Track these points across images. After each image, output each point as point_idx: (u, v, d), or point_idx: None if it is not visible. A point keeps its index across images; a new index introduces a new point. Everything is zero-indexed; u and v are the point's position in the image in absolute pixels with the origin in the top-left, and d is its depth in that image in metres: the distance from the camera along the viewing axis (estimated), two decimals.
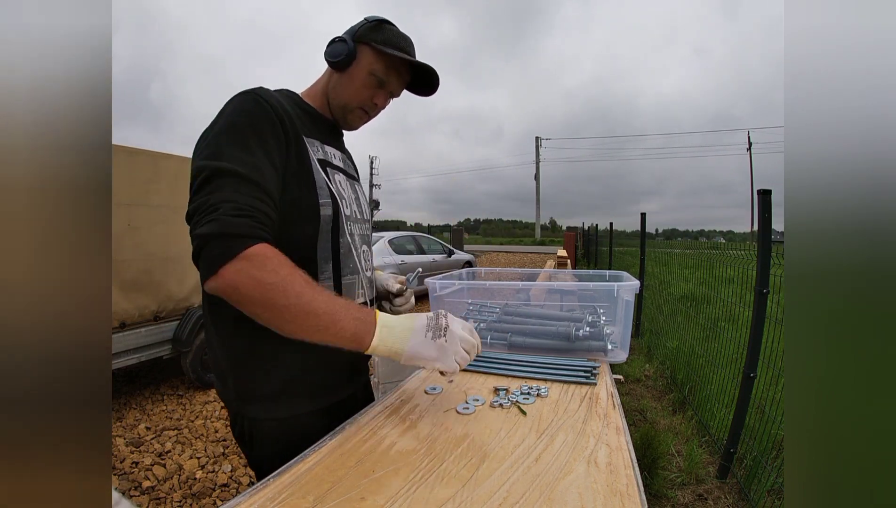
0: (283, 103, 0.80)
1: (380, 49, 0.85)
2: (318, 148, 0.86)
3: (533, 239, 40.88)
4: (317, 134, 0.87)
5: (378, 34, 0.86)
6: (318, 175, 0.81)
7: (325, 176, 0.83)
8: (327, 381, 0.86)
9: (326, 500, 0.54)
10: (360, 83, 0.87)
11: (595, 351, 1.12)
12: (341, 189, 0.87)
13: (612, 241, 7.09)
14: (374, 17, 0.88)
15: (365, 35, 0.86)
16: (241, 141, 0.71)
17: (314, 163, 0.82)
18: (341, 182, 0.89)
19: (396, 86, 0.91)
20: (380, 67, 0.87)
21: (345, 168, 0.94)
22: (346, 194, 0.89)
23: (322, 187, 0.81)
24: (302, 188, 0.78)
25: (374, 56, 0.86)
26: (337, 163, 0.90)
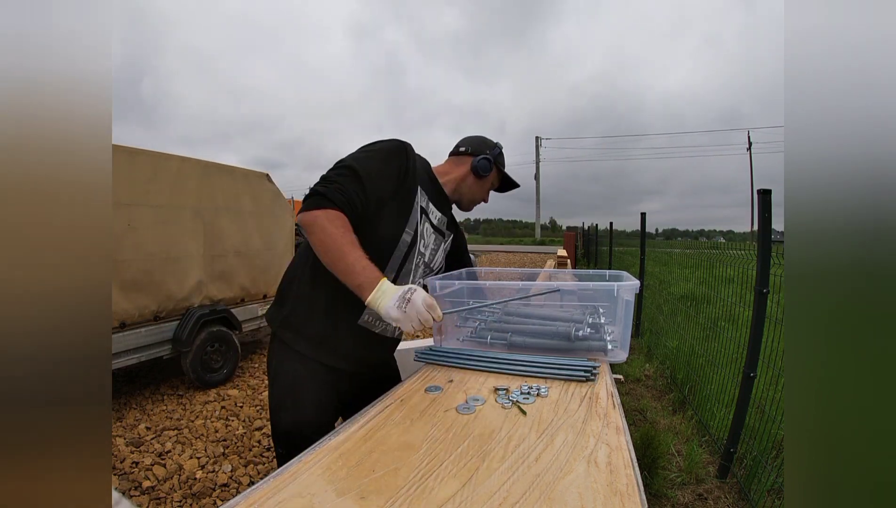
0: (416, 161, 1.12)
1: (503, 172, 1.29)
2: (425, 200, 1.15)
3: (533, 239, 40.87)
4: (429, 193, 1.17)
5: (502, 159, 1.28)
6: (415, 215, 1.10)
7: (419, 218, 1.12)
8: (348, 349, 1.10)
9: (326, 500, 0.54)
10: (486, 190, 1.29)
11: (595, 350, 1.12)
12: (425, 233, 1.16)
13: (612, 241, 7.09)
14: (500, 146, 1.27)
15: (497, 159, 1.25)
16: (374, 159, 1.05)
17: (417, 206, 1.11)
18: (428, 230, 1.18)
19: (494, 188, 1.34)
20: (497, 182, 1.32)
21: (438, 226, 1.23)
22: (427, 239, 1.18)
23: (412, 223, 1.10)
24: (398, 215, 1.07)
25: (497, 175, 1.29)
26: (432, 219, 1.20)
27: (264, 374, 3.84)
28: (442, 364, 1.10)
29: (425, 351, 1.17)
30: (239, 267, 3.86)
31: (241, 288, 3.90)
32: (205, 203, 3.50)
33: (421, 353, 1.16)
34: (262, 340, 4.92)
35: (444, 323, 1.30)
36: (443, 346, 1.23)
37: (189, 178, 3.37)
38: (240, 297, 3.89)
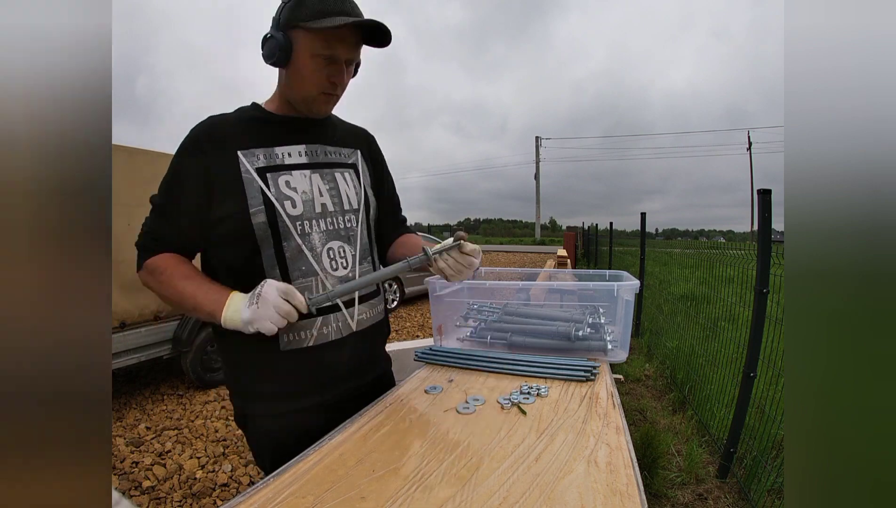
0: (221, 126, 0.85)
1: (311, 27, 0.76)
2: (261, 155, 0.84)
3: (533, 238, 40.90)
4: (263, 140, 0.85)
5: (302, 10, 0.77)
6: (252, 185, 0.82)
7: (262, 182, 0.82)
8: (320, 381, 0.90)
9: (326, 500, 0.54)
10: (307, 71, 0.81)
11: (595, 350, 1.12)
12: (287, 190, 0.84)
13: (612, 241, 7.09)
14: None
15: (290, 18, 0.78)
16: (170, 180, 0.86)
17: (246, 175, 0.82)
18: (292, 181, 0.85)
19: (349, 53, 0.82)
20: (320, 45, 0.78)
21: (310, 161, 0.88)
22: (302, 190, 0.85)
23: (253, 196, 0.81)
24: (232, 201, 0.81)
25: (308, 37, 0.78)
26: (291, 161, 0.86)
27: None
28: (442, 364, 1.10)
29: (425, 350, 1.17)
30: None
31: None
32: None
33: (421, 353, 1.16)
34: None
35: (444, 323, 1.30)
36: (443, 346, 1.23)
37: None
38: None
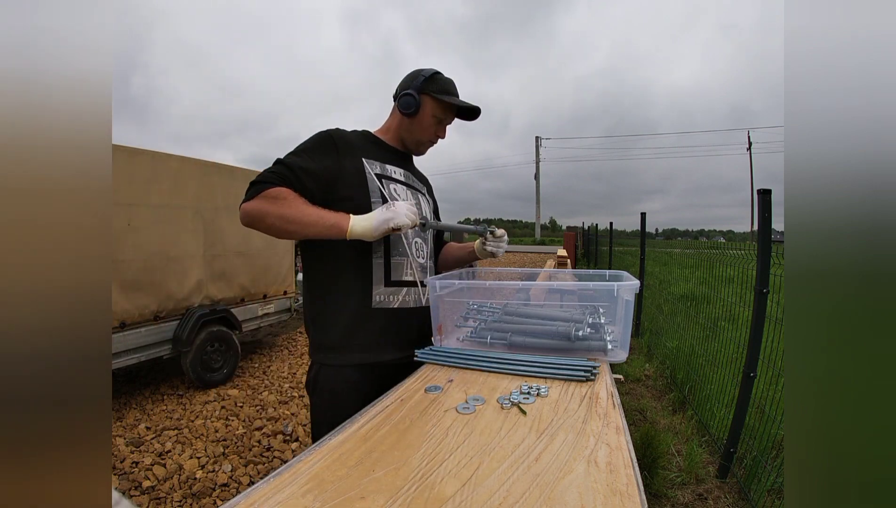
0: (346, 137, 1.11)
1: (439, 98, 1.14)
2: (378, 166, 1.13)
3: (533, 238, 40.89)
4: (379, 157, 1.15)
5: (434, 85, 1.14)
6: (373, 182, 1.09)
7: (380, 183, 1.10)
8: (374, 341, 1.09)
9: (326, 500, 0.54)
10: (426, 125, 1.17)
11: (595, 350, 1.12)
12: (396, 194, 1.14)
13: (612, 241, 7.10)
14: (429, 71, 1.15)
15: (425, 87, 1.14)
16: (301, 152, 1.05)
17: (369, 174, 1.09)
18: (398, 190, 1.16)
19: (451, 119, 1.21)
20: (439, 111, 1.17)
21: (407, 181, 1.21)
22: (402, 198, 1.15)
23: (374, 191, 1.08)
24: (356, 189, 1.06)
25: (434, 103, 1.15)
26: (396, 177, 1.18)
27: (264, 374, 3.84)
28: (442, 364, 1.10)
29: (425, 350, 1.17)
30: (239, 267, 3.86)
31: (242, 287, 3.90)
32: (205, 203, 3.50)
33: (421, 353, 1.16)
34: (262, 340, 4.92)
35: (444, 323, 1.30)
36: (443, 346, 1.23)
37: (189, 178, 3.38)
38: (240, 297, 3.89)
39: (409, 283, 1.14)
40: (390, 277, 1.11)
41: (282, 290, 4.43)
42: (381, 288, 1.09)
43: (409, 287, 1.14)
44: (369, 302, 1.08)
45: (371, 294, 1.08)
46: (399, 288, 1.12)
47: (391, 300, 1.11)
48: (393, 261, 1.11)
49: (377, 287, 1.08)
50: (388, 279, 1.10)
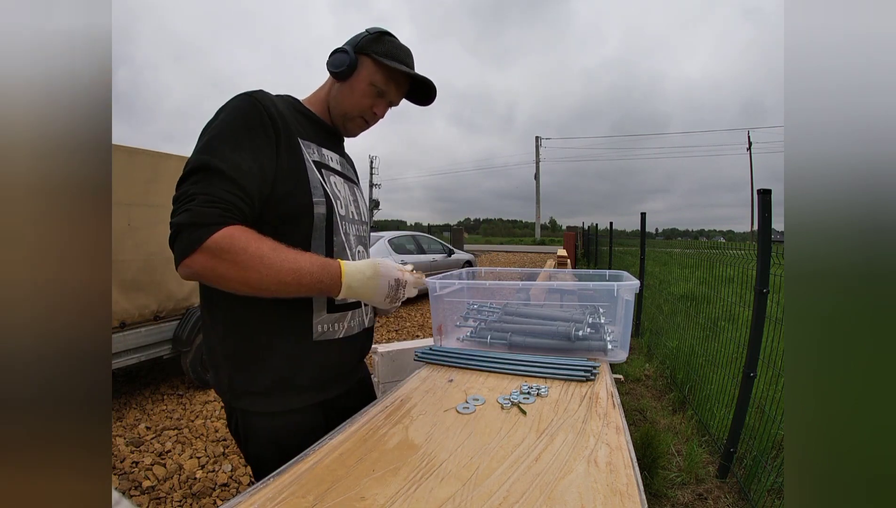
0: (278, 106, 0.83)
1: (380, 60, 0.88)
2: (315, 150, 0.88)
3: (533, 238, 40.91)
4: (314, 137, 0.90)
5: (379, 46, 0.89)
6: (313, 174, 0.84)
7: (320, 176, 0.86)
8: (319, 378, 0.88)
9: (326, 500, 0.54)
10: (360, 93, 0.91)
11: (595, 350, 1.12)
12: (336, 190, 0.90)
13: (612, 241, 7.10)
14: (376, 29, 0.91)
15: (366, 46, 0.89)
16: (232, 139, 0.74)
17: (308, 163, 0.84)
18: (337, 183, 0.91)
19: (395, 96, 0.95)
20: (379, 78, 0.90)
21: (343, 171, 0.96)
22: (343, 195, 0.91)
23: (316, 186, 0.84)
24: (295, 185, 0.81)
25: (374, 67, 0.89)
26: (334, 166, 0.93)
27: None
28: (442, 364, 1.10)
29: (425, 350, 1.17)
30: None
31: None
32: None
33: (421, 353, 1.16)
34: None
35: (444, 323, 1.30)
36: (443, 346, 1.23)
37: None
38: None
39: (353, 305, 0.92)
40: (333, 301, 0.87)
41: None
42: (322, 315, 0.86)
43: (353, 309, 0.92)
44: (309, 335, 0.85)
45: (311, 324, 0.85)
46: (344, 312, 0.90)
47: (336, 329, 0.89)
48: None
49: (318, 315, 0.85)
50: (332, 303, 0.87)
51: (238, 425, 0.86)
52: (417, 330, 5.34)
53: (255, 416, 0.84)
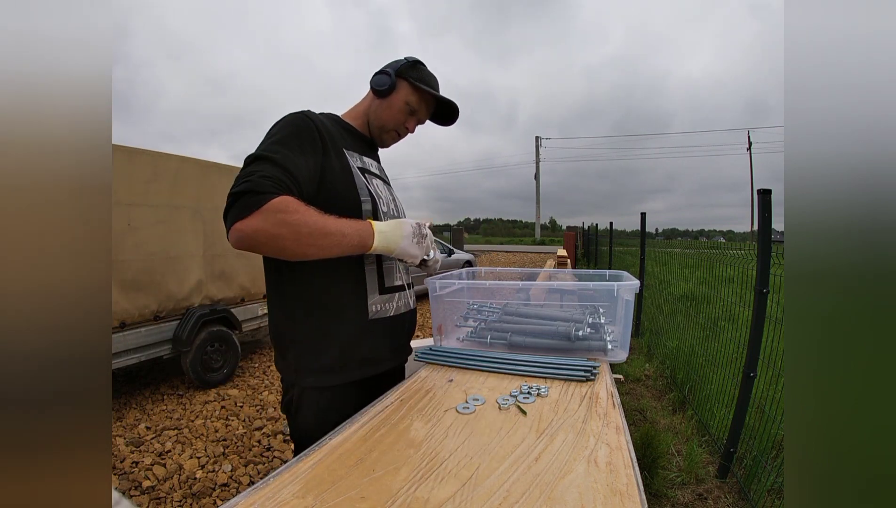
0: (325, 123, 0.99)
1: (415, 84, 1.07)
2: (358, 158, 1.05)
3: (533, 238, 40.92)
4: (356, 147, 1.07)
5: (414, 72, 1.08)
6: (359, 179, 1.00)
7: (365, 180, 1.02)
8: (374, 353, 1.02)
9: (326, 500, 0.54)
10: (397, 109, 1.08)
11: (595, 350, 1.12)
12: (378, 191, 1.05)
13: (612, 241, 7.10)
14: (413, 58, 1.10)
15: (404, 71, 1.07)
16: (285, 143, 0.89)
17: (354, 169, 1.00)
18: (378, 185, 1.07)
19: (424, 115, 1.14)
20: (414, 99, 1.08)
21: (381, 175, 1.13)
22: (384, 195, 1.07)
23: (362, 188, 0.99)
24: (345, 189, 0.96)
25: (410, 89, 1.08)
26: (374, 171, 1.10)
27: (264, 374, 3.84)
28: (442, 364, 1.10)
29: (425, 350, 1.17)
30: (239, 267, 3.86)
31: (241, 287, 3.90)
32: (204, 202, 3.50)
33: (421, 353, 1.16)
34: (262, 340, 4.92)
35: (444, 323, 1.30)
36: (443, 346, 1.23)
37: (189, 178, 3.38)
38: (240, 297, 3.89)
39: (399, 288, 1.08)
40: (384, 284, 1.04)
41: None
42: (375, 296, 1.01)
43: (400, 291, 1.08)
44: (366, 315, 0.99)
45: (367, 305, 0.99)
46: (393, 293, 1.06)
47: (387, 308, 1.04)
48: (385, 266, 1.04)
49: (372, 296, 1.00)
50: (383, 286, 1.03)
51: (293, 401, 0.98)
52: (417, 330, 5.35)
53: (314, 391, 0.96)
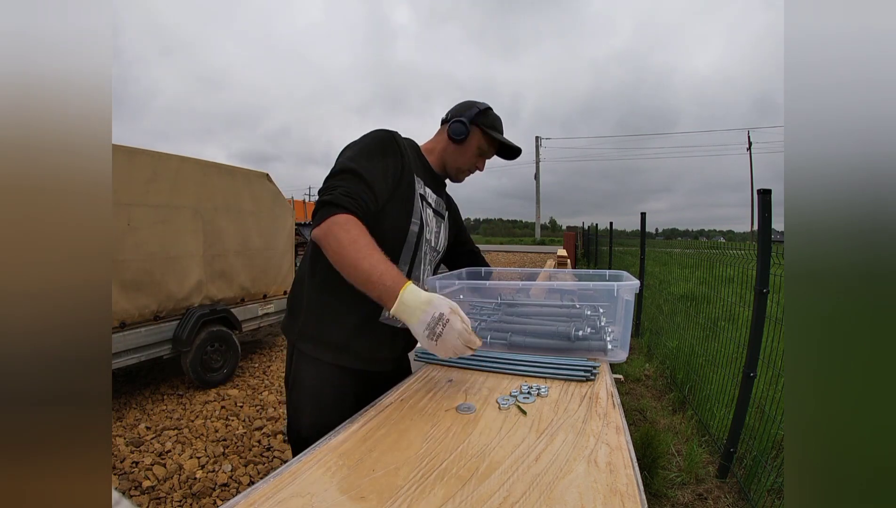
0: (407, 146, 1.12)
1: (487, 132, 1.18)
2: (422, 185, 1.15)
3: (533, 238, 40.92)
4: (423, 176, 1.17)
5: (485, 119, 1.18)
6: (416, 204, 1.10)
7: (420, 206, 1.12)
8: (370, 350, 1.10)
9: (326, 500, 0.54)
10: (470, 154, 1.21)
11: (595, 350, 1.12)
12: (428, 219, 1.16)
13: (612, 241, 7.10)
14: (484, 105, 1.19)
15: (477, 119, 1.18)
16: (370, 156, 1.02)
17: (416, 194, 1.11)
18: (429, 215, 1.18)
19: (492, 154, 1.25)
20: (485, 144, 1.21)
21: (436, 208, 1.23)
22: (431, 225, 1.18)
23: (416, 212, 1.10)
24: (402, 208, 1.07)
25: (482, 136, 1.19)
26: (430, 202, 1.19)
27: (264, 374, 3.84)
28: (442, 364, 1.10)
29: (425, 350, 1.17)
30: (239, 267, 3.86)
31: (241, 287, 3.90)
32: (204, 203, 3.50)
33: (421, 353, 1.16)
34: (262, 340, 4.92)
35: None
36: None
37: (189, 178, 3.38)
38: (240, 297, 3.89)
39: None
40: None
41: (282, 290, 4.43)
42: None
43: None
44: (377, 316, 1.09)
45: (381, 308, 1.08)
46: None
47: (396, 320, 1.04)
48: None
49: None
50: None
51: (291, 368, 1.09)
52: None
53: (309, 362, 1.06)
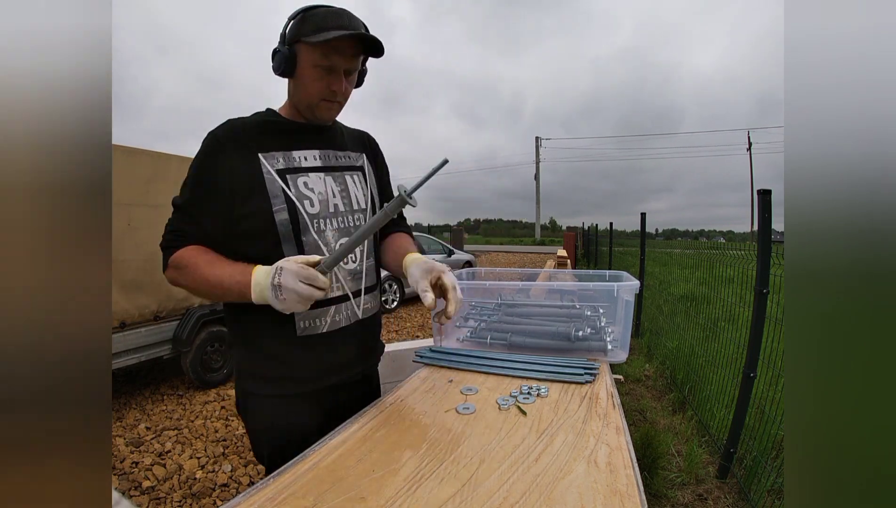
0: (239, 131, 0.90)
1: (311, 41, 0.85)
2: (280, 158, 0.91)
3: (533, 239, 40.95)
4: (281, 144, 0.93)
5: (305, 26, 0.86)
6: (273, 185, 0.89)
7: (283, 183, 0.90)
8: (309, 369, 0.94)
9: (326, 500, 0.54)
10: (309, 80, 0.89)
11: (595, 351, 1.12)
12: (306, 190, 0.92)
13: (612, 241, 7.10)
14: (298, 10, 0.88)
15: (294, 34, 0.87)
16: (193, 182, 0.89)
17: (268, 175, 0.89)
18: (309, 182, 0.93)
19: (348, 63, 0.89)
20: (319, 57, 0.87)
21: (324, 164, 0.96)
22: (317, 191, 0.93)
23: (276, 195, 0.88)
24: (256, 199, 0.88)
25: (309, 50, 0.86)
26: (307, 165, 0.94)
27: None
28: (441, 365, 1.10)
29: (425, 351, 1.17)
30: None
31: None
32: None
33: (420, 354, 1.16)
34: None
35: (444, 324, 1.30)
36: (442, 347, 1.23)
37: None
38: None
39: (336, 300, 0.94)
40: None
41: None
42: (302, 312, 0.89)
43: (337, 303, 0.94)
44: (293, 331, 0.90)
45: (293, 320, 0.90)
46: (327, 307, 0.93)
47: (318, 324, 0.92)
48: None
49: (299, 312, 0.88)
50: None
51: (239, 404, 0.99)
52: (417, 330, 5.35)
53: (254, 397, 0.95)
